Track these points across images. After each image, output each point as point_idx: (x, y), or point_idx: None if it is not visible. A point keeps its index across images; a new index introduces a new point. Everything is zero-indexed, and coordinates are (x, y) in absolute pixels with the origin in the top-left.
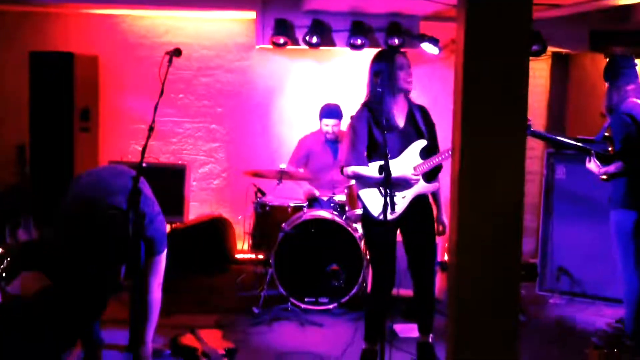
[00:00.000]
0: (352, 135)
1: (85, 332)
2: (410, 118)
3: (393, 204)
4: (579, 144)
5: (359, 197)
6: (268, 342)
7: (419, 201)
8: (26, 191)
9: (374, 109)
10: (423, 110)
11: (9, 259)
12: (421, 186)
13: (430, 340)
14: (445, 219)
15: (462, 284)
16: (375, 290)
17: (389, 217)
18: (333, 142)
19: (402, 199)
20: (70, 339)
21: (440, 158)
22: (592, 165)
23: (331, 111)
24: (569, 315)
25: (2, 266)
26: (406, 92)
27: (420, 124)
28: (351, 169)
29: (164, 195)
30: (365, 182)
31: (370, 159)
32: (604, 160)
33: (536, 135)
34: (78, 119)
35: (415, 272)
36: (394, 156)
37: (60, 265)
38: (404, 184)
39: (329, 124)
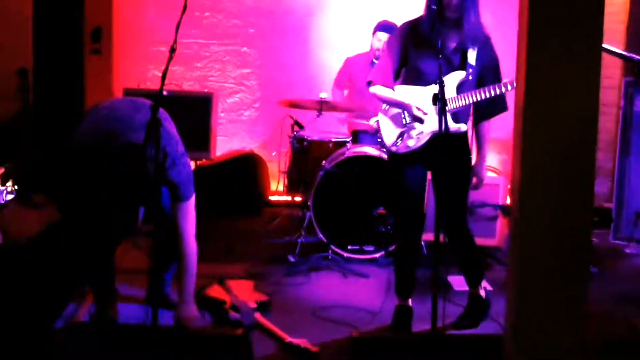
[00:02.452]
0: (384, 52)
1: (97, 282)
2: (459, 46)
3: (409, 135)
4: None
5: (377, 128)
6: (305, 295)
7: (452, 143)
8: (28, 123)
9: (420, 29)
10: (483, 42)
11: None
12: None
13: (482, 293)
14: (483, 173)
15: (524, 232)
16: (399, 237)
17: (399, 146)
18: None
19: (419, 135)
20: (74, 288)
21: (471, 98)
22: None
23: (388, 26)
24: None
25: (8, 186)
26: (461, 17)
27: (469, 55)
28: (373, 88)
29: (187, 128)
30: (385, 105)
31: (405, 82)
32: None
33: (608, 51)
34: (89, 39)
35: (445, 224)
36: (424, 84)
37: (69, 197)
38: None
39: (382, 38)
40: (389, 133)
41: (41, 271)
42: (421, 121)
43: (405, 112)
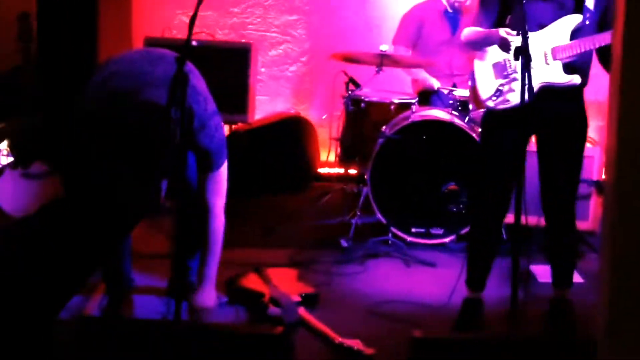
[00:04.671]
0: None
1: (109, 269)
2: None
3: (507, 91)
4: None
5: (472, 76)
6: (359, 287)
7: (564, 99)
8: (29, 77)
9: None
10: None
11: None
12: (556, 77)
13: (568, 296)
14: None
15: (621, 214)
16: (479, 218)
17: (497, 101)
18: (455, 13)
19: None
20: (82, 276)
21: (586, 45)
22: None
23: None
24: None
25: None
26: None
27: None
28: (467, 30)
29: (220, 86)
30: (480, 50)
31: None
32: None
33: None
34: None
35: (547, 201)
36: (533, 29)
37: (76, 167)
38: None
39: None
40: (486, 84)
41: (41, 255)
42: (507, 47)
43: (510, 59)
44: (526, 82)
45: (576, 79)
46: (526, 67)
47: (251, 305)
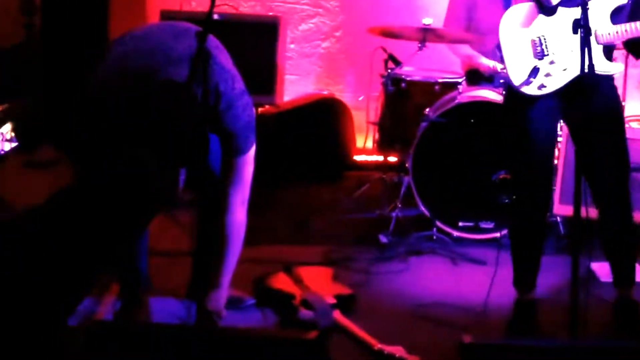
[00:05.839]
0: None
1: (123, 268)
2: None
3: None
4: None
5: (498, 48)
6: (401, 287)
7: (601, 85)
8: (34, 53)
9: None
10: None
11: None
12: (598, 64)
13: (633, 296)
14: None
15: None
16: (520, 212)
17: (530, 86)
18: None
19: (563, 72)
20: (92, 276)
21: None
22: None
23: None
24: None
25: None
26: None
27: None
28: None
29: (245, 64)
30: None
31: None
32: None
33: None
34: None
35: (596, 193)
36: (571, 4)
37: (87, 153)
38: (566, 51)
39: None
40: (518, 66)
41: (47, 252)
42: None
43: (544, 39)
44: (586, 59)
45: (619, 67)
46: (585, 43)
47: (281, 307)
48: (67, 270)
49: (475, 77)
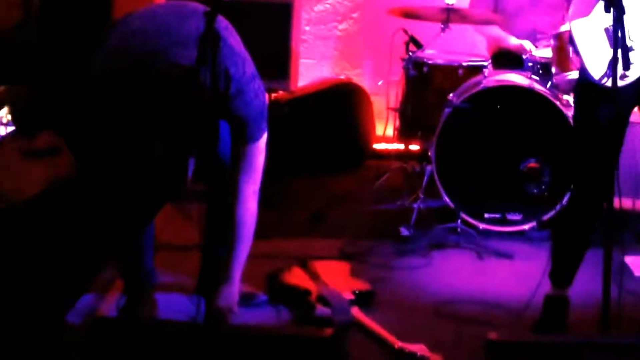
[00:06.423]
0: None
1: (127, 263)
2: None
3: (627, 61)
4: None
5: (571, 40)
6: (423, 282)
7: None
8: (32, 34)
9: None
10: None
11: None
12: None
13: None
14: None
15: None
16: (578, 204)
17: (619, 81)
18: None
19: None
20: (94, 271)
21: None
22: None
23: None
24: None
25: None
26: None
27: None
28: None
29: (257, 47)
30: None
31: None
32: None
33: None
34: None
35: None
36: None
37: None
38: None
39: None
40: (596, 58)
41: (45, 244)
42: None
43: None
44: None
45: None
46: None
47: (295, 304)
48: (67, 264)
49: (503, 60)
